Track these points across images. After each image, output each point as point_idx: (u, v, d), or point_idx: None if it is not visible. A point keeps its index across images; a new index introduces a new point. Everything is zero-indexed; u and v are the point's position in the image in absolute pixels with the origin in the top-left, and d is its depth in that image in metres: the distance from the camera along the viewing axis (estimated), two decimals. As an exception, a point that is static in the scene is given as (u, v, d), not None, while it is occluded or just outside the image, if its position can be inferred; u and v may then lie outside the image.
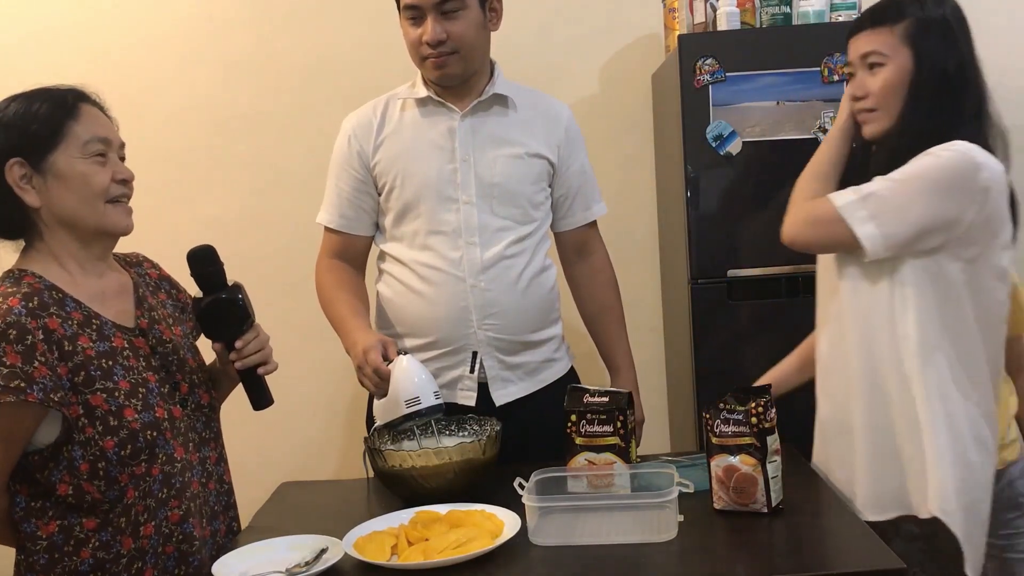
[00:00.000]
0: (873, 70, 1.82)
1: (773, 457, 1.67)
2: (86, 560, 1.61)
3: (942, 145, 1.73)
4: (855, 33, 1.86)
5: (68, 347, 1.58)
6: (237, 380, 1.84)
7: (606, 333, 2.45)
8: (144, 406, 1.63)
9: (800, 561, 1.57)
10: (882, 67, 1.81)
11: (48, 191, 1.63)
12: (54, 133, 1.63)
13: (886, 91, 1.81)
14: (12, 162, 1.62)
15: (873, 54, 1.82)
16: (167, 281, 1.92)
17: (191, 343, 1.88)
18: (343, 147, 2.29)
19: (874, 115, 1.84)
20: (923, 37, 1.79)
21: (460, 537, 1.58)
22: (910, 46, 1.80)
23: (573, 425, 1.86)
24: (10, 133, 1.62)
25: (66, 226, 1.66)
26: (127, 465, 1.60)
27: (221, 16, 3.31)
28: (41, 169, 1.63)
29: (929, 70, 1.79)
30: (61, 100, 1.66)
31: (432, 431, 2.03)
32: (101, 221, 1.67)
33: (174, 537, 1.67)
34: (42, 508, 1.61)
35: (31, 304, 1.57)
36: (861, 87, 1.84)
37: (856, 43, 1.86)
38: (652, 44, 3.30)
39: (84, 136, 1.65)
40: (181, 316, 1.89)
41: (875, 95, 1.82)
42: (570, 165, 2.33)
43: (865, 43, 1.83)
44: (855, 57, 1.86)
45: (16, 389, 1.50)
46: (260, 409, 1.81)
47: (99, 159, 1.66)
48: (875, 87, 1.82)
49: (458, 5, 2.11)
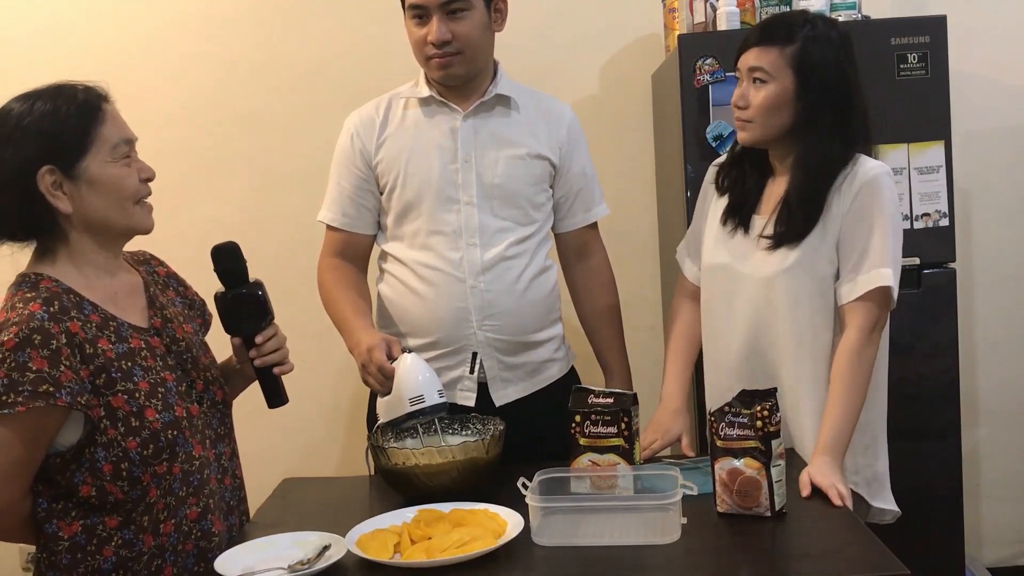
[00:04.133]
0: (756, 84, 1.98)
1: (777, 461, 1.67)
2: (109, 558, 1.61)
3: (873, 174, 1.95)
4: (746, 47, 2.00)
5: (89, 350, 1.58)
6: (251, 378, 1.85)
7: (602, 336, 2.45)
8: (164, 406, 1.64)
9: (803, 566, 1.57)
10: (765, 84, 1.96)
11: (80, 197, 1.62)
12: (84, 139, 1.62)
13: (765, 107, 1.97)
14: (44, 170, 1.60)
15: (759, 70, 1.97)
16: (174, 279, 1.92)
17: (202, 340, 1.88)
18: (345, 145, 2.28)
19: (750, 125, 2.00)
20: (808, 63, 1.95)
21: (463, 536, 1.58)
22: (794, 69, 1.95)
23: (577, 426, 1.86)
24: (41, 140, 1.60)
25: (93, 229, 1.66)
26: (149, 465, 1.60)
27: (221, 16, 3.30)
28: (72, 175, 1.61)
29: (814, 93, 1.95)
30: (86, 102, 1.65)
31: (435, 429, 2.03)
32: (130, 222, 1.68)
33: (193, 534, 1.68)
34: (64, 509, 1.61)
35: (52, 308, 1.56)
36: (744, 98, 1.99)
37: (746, 56, 2.00)
38: (652, 44, 3.30)
39: (113, 139, 1.64)
40: (190, 313, 1.89)
41: (754, 108, 1.98)
42: (571, 166, 2.32)
43: (754, 58, 1.98)
44: (743, 67, 2.00)
45: (45, 394, 1.50)
46: (275, 407, 1.83)
47: (126, 161, 1.66)
48: (756, 101, 1.97)
49: (463, 5, 2.11)
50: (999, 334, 3.41)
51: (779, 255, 1.99)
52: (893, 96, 2.74)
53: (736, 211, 2.09)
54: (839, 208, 1.96)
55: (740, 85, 2.01)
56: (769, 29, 2.00)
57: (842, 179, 1.97)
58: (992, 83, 3.34)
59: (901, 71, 2.78)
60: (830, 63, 1.96)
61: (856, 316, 1.94)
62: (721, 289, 2.11)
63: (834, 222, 1.97)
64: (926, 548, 2.75)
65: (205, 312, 1.94)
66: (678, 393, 2.20)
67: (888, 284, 1.92)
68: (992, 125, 3.35)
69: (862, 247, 1.94)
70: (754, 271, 2.03)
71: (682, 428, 2.15)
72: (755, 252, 2.04)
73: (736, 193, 2.11)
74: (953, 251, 2.85)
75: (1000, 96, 3.36)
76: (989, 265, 3.39)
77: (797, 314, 1.99)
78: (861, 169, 1.96)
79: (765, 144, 2.04)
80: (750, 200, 2.08)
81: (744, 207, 2.08)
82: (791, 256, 1.98)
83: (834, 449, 1.85)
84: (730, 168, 2.14)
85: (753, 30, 2.03)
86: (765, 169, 2.09)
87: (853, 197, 1.95)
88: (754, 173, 2.09)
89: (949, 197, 2.82)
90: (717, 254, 2.11)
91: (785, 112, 1.97)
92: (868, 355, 1.93)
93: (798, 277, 1.98)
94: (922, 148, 2.81)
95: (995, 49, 3.33)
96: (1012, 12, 3.33)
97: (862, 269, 1.94)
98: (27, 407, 1.49)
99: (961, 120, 3.08)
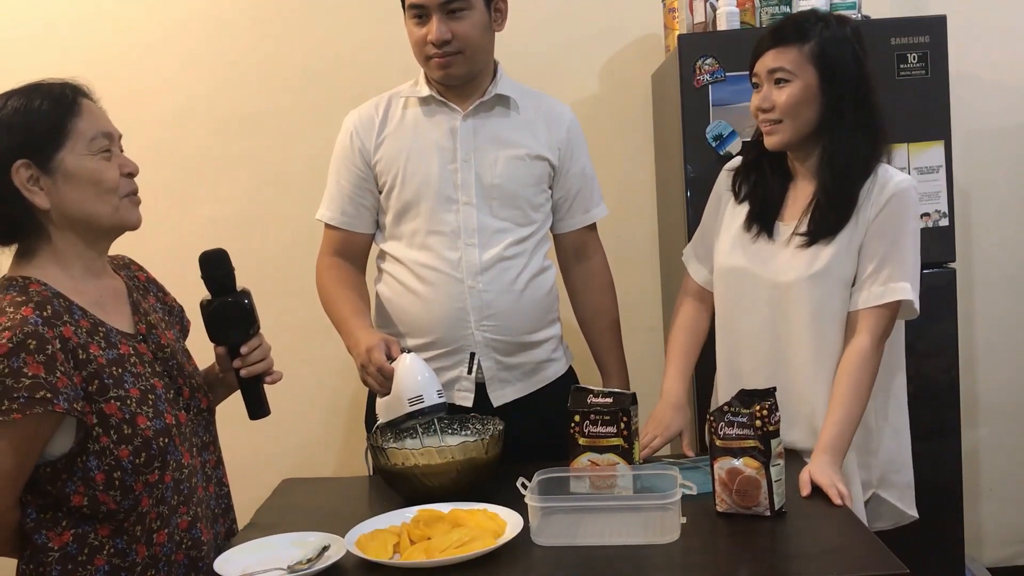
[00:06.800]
0: (779, 85, 1.98)
1: (777, 460, 1.67)
2: (101, 567, 1.59)
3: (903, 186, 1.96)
4: (760, 52, 2.01)
5: (82, 356, 1.55)
6: (234, 387, 1.83)
7: (599, 337, 2.44)
8: (155, 413, 1.62)
9: (802, 565, 1.57)
10: (788, 83, 1.97)
11: (58, 191, 1.59)
12: (59, 131, 1.59)
13: (791, 104, 1.96)
14: (18, 164, 1.57)
15: (780, 71, 1.97)
16: (154, 284, 1.89)
17: (183, 347, 1.87)
18: (345, 143, 2.28)
19: (779, 127, 1.99)
20: (828, 56, 1.96)
21: (462, 536, 1.58)
22: (815, 65, 1.96)
23: (576, 425, 1.86)
24: (13, 134, 1.58)
25: (76, 225, 1.63)
26: (141, 473, 1.58)
27: (221, 16, 3.30)
28: (48, 169, 1.59)
29: (838, 86, 1.96)
30: (61, 96, 1.62)
31: (435, 430, 2.03)
32: (116, 216, 1.65)
33: (184, 543, 1.66)
34: (54, 519, 1.58)
35: (45, 313, 1.53)
36: (768, 100, 1.99)
37: (763, 60, 2.00)
38: (652, 44, 3.30)
39: (89, 133, 1.61)
40: (170, 319, 1.87)
41: (780, 108, 1.97)
42: (570, 167, 2.32)
43: (772, 60, 1.98)
44: (762, 71, 2.00)
45: (43, 400, 1.47)
46: (256, 419, 1.81)
47: (105, 154, 1.63)
48: (781, 101, 1.97)
49: (463, 5, 2.11)
50: (999, 334, 3.41)
51: (805, 260, 1.98)
52: (893, 96, 2.72)
53: (759, 217, 2.07)
54: (865, 216, 1.96)
55: (759, 91, 2.01)
56: (782, 30, 2.00)
57: (869, 185, 1.97)
58: (992, 83, 3.34)
59: (901, 71, 2.78)
60: (848, 57, 1.97)
61: (869, 322, 1.94)
62: (736, 293, 2.09)
63: (860, 230, 1.97)
64: (926, 548, 2.75)
65: (184, 319, 1.92)
66: (678, 388, 2.20)
67: (908, 298, 1.93)
68: (992, 125, 3.35)
69: (884, 257, 1.94)
70: (775, 275, 2.02)
71: (682, 424, 2.15)
72: (778, 256, 2.02)
73: (757, 198, 2.09)
74: (953, 251, 2.85)
75: (1000, 96, 3.36)
76: (989, 265, 3.39)
77: (816, 320, 1.98)
78: (891, 180, 1.97)
79: (792, 146, 2.03)
80: (774, 205, 2.07)
81: (768, 212, 2.06)
82: (818, 261, 1.96)
83: (835, 448, 1.86)
84: (748, 173, 2.12)
85: (764, 36, 2.02)
86: (785, 173, 2.08)
87: (881, 207, 1.95)
88: (775, 177, 2.08)
89: (949, 197, 2.82)
90: (733, 257, 2.09)
91: (811, 108, 1.96)
92: (875, 361, 1.94)
93: (820, 284, 1.97)
94: (922, 148, 2.81)
95: (995, 49, 3.33)
96: (1012, 12, 3.33)
97: (881, 279, 1.94)
98: (24, 414, 1.46)
99: (961, 120, 3.08)
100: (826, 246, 1.97)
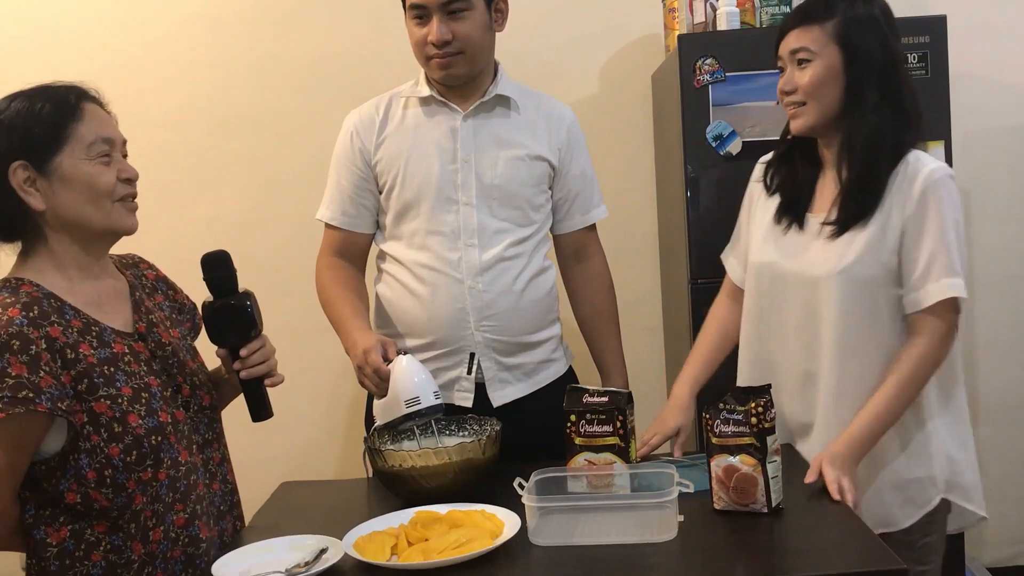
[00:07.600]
0: (802, 66, 1.92)
1: (773, 457, 1.67)
2: (98, 563, 1.60)
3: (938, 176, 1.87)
4: (785, 32, 1.96)
5: (70, 355, 1.57)
6: (239, 389, 1.83)
7: (599, 338, 2.44)
8: (148, 411, 1.62)
9: (800, 562, 1.57)
10: (810, 63, 1.91)
11: (53, 194, 1.61)
12: (58, 135, 1.61)
13: (814, 85, 1.91)
14: (16, 165, 1.59)
15: (802, 51, 1.92)
16: (164, 282, 1.90)
17: (190, 344, 1.87)
18: (345, 143, 2.28)
19: (803, 109, 1.94)
20: (852, 35, 1.90)
21: (460, 537, 1.58)
22: (838, 43, 1.90)
23: (573, 425, 1.86)
24: (13, 135, 1.60)
25: (71, 228, 1.64)
26: (133, 471, 1.59)
27: (221, 16, 3.31)
28: (45, 172, 1.61)
29: (860, 66, 1.89)
30: (64, 100, 1.64)
31: (432, 431, 2.03)
32: (108, 221, 1.66)
33: (180, 540, 1.67)
34: (51, 515, 1.60)
35: (31, 313, 1.55)
36: (790, 82, 1.94)
37: (786, 41, 1.95)
38: (652, 44, 3.31)
39: (89, 137, 1.63)
40: (179, 317, 1.88)
41: (803, 89, 1.92)
42: (570, 168, 2.32)
43: (795, 40, 1.93)
44: (785, 53, 1.95)
45: (25, 400, 1.49)
46: (259, 421, 1.81)
47: (104, 159, 1.64)
48: (803, 81, 1.92)
49: (464, 5, 2.11)
50: (999, 334, 3.41)
51: (836, 253, 1.91)
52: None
53: (790, 208, 2.02)
54: (900, 209, 1.88)
55: (783, 75, 1.96)
56: (805, 10, 1.94)
57: (902, 173, 1.89)
58: (992, 83, 3.34)
59: (901, 71, 2.78)
60: (873, 36, 1.90)
61: (926, 324, 1.87)
62: (768, 287, 2.04)
63: (895, 223, 1.89)
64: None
65: (195, 316, 1.92)
66: (684, 392, 2.16)
67: (961, 295, 1.85)
68: (992, 125, 3.35)
69: (931, 254, 1.86)
70: (805, 269, 1.96)
71: (680, 423, 2.12)
72: (809, 248, 1.97)
73: (788, 189, 2.04)
74: (953, 251, 2.84)
75: (1000, 96, 3.36)
76: (989, 265, 3.39)
77: (846, 315, 1.91)
78: (925, 169, 1.87)
79: (818, 130, 1.96)
80: (804, 196, 2.02)
81: (798, 203, 2.02)
82: (849, 255, 1.89)
83: (857, 442, 1.82)
84: (779, 164, 2.08)
85: (788, 16, 1.97)
86: (815, 163, 2.03)
87: (917, 199, 1.87)
88: (805, 167, 2.03)
89: (949, 197, 2.81)
90: (765, 251, 2.04)
91: (835, 88, 1.90)
92: (932, 365, 1.88)
93: (850, 278, 1.90)
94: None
95: (995, 49, 3.33)
96: (1012, 12, 3.33)
97: (931, 277, 1.86)
98: (7, 413, 1.48)
99: (961, 120, 3.08)
100: (856, 236, 1.90)
